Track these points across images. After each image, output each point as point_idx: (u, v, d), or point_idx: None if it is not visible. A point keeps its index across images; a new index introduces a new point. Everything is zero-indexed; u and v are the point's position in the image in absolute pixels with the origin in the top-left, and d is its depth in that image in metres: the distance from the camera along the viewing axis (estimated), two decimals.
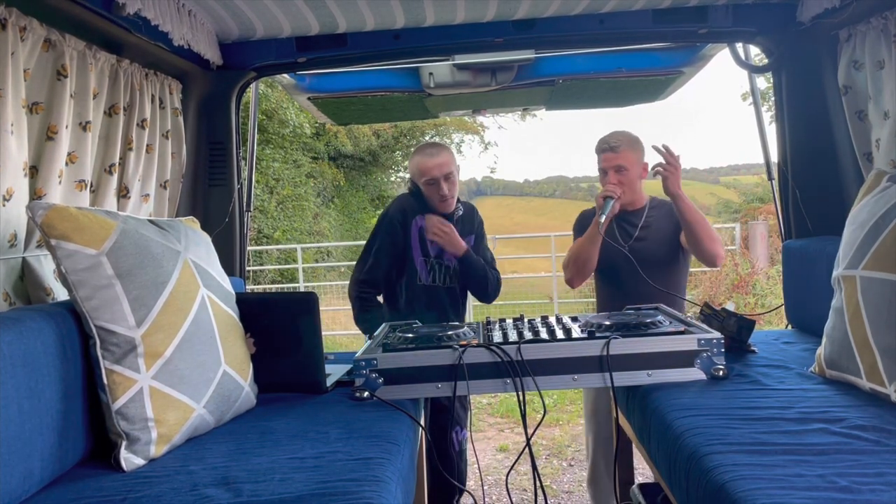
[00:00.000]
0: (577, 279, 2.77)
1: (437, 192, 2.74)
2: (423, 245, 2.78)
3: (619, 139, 2.69)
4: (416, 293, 2.79)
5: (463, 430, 2.88)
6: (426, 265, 2.80)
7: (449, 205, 2.79)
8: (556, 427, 4.94)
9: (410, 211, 2.80)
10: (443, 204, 2.77)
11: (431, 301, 2.80)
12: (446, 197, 2.75)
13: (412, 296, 2.79)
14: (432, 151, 2.79)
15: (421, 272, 2.79)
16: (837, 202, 2.38)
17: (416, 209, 2.80)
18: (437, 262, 2.81)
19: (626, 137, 2.72)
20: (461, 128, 20.11)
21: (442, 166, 2.73)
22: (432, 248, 2.80)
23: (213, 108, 2.69)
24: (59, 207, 1.49)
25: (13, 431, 1.28)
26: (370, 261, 2.78)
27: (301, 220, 14.40)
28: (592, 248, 2.66)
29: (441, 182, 2.73)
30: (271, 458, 1.47)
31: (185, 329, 1.60)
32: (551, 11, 2.52)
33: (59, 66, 1.78)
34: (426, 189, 2.77)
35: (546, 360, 1.85)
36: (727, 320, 2.12)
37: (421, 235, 2.78)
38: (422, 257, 2.79)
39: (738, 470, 1.26)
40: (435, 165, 2.73)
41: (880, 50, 2.07)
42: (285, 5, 2.35)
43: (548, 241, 10.72)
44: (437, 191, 2.74)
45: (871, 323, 1.58)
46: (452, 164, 2.78)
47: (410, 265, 2.78)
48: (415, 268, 2.78)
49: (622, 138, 2.70)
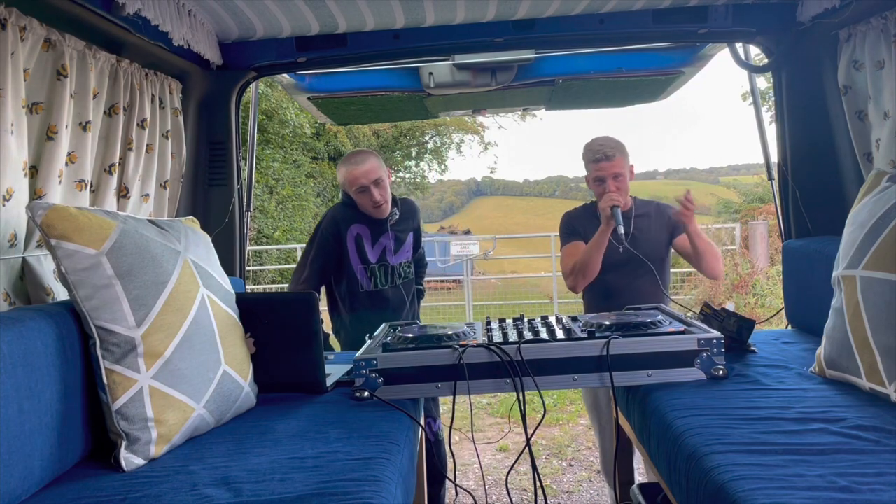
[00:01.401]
0: (582, 284, 2.78)
1: (370, 199, 2.72)
2: (360, 252, 2.78)
3: (613, 147, 2.72)
4: (360, 299, 2.80)
5: (437, 420, 2.93)
6: (366, 272, 2.80)
7: (383, 210, 2.78)
8: (556, 427, 4.94)
9: (343, 221, 2.78)
10: (377, 210, 2.76)
11: (375, 305, 2.80)
12: (379, 203, 2.73)
13: (355, 302, 2.81)
14: (358, 159, 2.75)
15: (362, 279, 2.79)
16: (837, 202, 2.38)
17: (350, 218, 2.79)
18: (379, 267, 2.81)
19: (617, 144, 2.75)
20: (461, 128, 20.13)
21: (369, 173, 2.70)
22: (373, 253, 2.80)
23: (213, 108, 2.69)
24: (58, 207, 1.49)
25: (13, 431, 1.28)
26: (306, 272, 2.78)
27: (301, 220, 14.40)
28: (599, 254, 2.69)
29: (371, 189, 2.71)
30: (271, 458, 1.47)
31: (185, 329, 1.60)
32: (551, 11, 2.52)
33: (59, 66, 1.78)
34: (358, 198, 2.75)
35: (546, 360, 1.85)
36: (727, 320, 2.12)
37: (357, 243, 2.77)
38: (361, 265, 2.79)
39: (738, 470, 1.26)
40: (362, 173, 2.70)
41: (880, 50, 2.07)
42: (285, 5, 2.35)
43: (548, 241, 10.72)
44: (370, 198, 2.72)
45: (871, 323, 1.58)
46: (381, 170, 2.76)
47: (350, 274, 2.78)
48: (355, 276, 2.78)
49: (615, 146, 2.73)
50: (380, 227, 2.81)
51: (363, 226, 2.79)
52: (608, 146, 2.72)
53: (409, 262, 2.93)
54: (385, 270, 2.83)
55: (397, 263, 2.86)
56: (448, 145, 21.23)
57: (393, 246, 2.85)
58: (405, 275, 2.91)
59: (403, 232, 2.90)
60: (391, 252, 2.85)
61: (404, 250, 2.90)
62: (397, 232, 2.87)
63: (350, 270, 2.78)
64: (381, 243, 2.83)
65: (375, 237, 2.81)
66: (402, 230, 2.90)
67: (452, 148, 21.46)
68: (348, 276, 2.79)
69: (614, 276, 2.75)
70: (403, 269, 2.90)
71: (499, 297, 12.18)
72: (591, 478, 3.98)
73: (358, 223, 2.79)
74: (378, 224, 2.81)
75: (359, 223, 2.79)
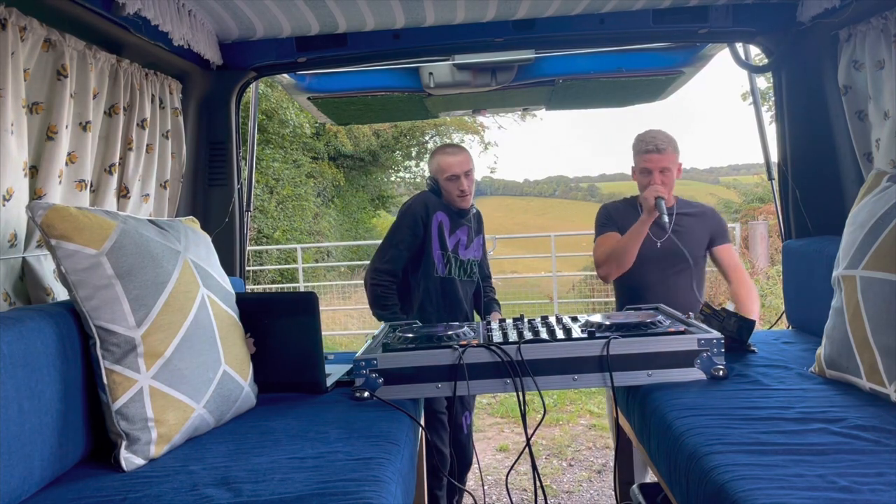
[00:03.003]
0: (616, 273, 2.78)
1: (458, 187, 2.87)
2: (441, 239, 2.89)
3: (666, 141, 2.69)
4: (433, 284, 2.89)
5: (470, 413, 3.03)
6: (443, 258, 2.90)
7: (467, 201, 2.92)
8: (556, 427, 4.94)
9: (432, 206, 2.90)
10: (462, 199, 2.90)
11: (447, 292, 2.90)
12: (466, 192, 2.88)
13: (429, 287, 2.89)
14: (453, 150, 2.95)
15: (438, 264, 2.89)
16: (837, 202, 2.38)
17: (437, 205, 2.91)
18: (454, 256, 2.92)
19: (670, 138, 2.72)
20: (461, 128, 20.11)
21: (463, 163, 2.88)
22: (450, 242, 2.91)
23: (213, 108, 2.69)
24: (58, 207, 1.49)
25: (13, 431, 1.28)
26: (391, 252, 2.88)
27: (301, 220, 14.39)
28: (636, 244, 2.68)
29: (462, 178, 2.86)
30: (271, 458, 1.47)
31: (185, 329, 1.60)
32: (551, 11, 2.52)
33: (59, 66, 1.78)
34: (447, 185, 2.89)
35: (546, 360, 1.85)
36: (727, 320, 2.12)
37: (440, 229, 2.89)
38: (439, 251, 2.89)
39: (738, 470, 1.26)
40: (457, 162, 2.88)
41: (880, 50, 2.07)
42: (285, 5, 2.35)
43: (548, 241, 10.70)
44: (458, 186, 2.87)
45: (871, 323, 1.58)
46: (472, 163, 2.93)
47: (428, 258, 2.88)
48: (432, 260, 2.88)
49: (667, 140, 2.70)
50: (459, 219, 2.95)
51: (445, 215, 2.91)
52: (660, 139, 2.70)
53: (476, 260, 3.03)
54: (457, 262, 2.95)
55: (467, 259, 2.97)
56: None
57: (465, 241, 2.97)
58: (471, 272, 3.01)
59: (475, 231, 3.03)
60: (463, 246, 2.96)
61: (474, 248, 3.02)
62: (471, 229, 3.00)
63: (429, 254, 2.88)
64: (457, 235, 2.95)
65: (453, 228, 2.93)
66: (474, 229, 3.03)
67: None
68: (426, 261, 2.89)
69: (648, 271, 2.73)
70: (472, 265, 3.00)
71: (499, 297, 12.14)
72: (591, 478, 3.98)
73: (442, 211, 2.91)
74: (457, 216, 2.94)
75: (442, 211, 2.91)
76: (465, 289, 2.99)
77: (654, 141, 2.70)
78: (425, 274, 2.89)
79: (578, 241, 18.23)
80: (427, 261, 2.88)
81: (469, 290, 3.04)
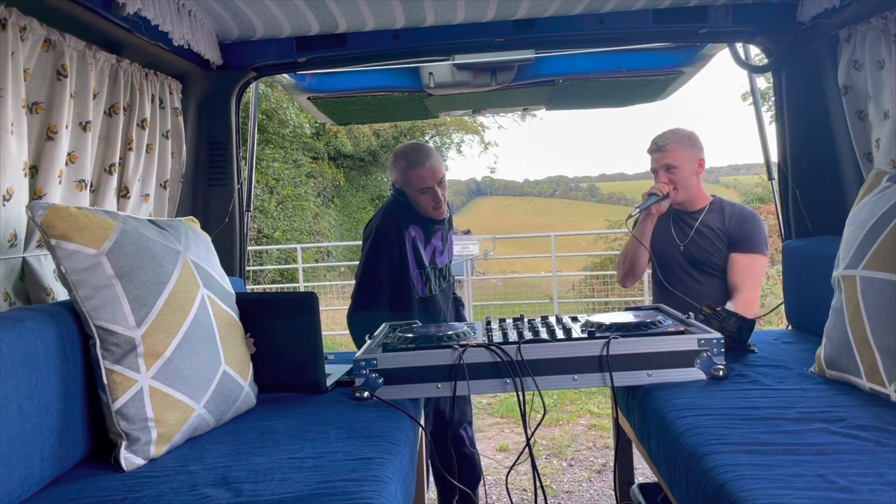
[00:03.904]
0: (629, 279, 2.76)
1: (432, 199, 2.54)
2: (417, 257, 2.60)
3: (668, 138, 2.68)
4: (415, 306, 2.61)
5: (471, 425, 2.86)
6: (422, 277, 2.62)
7: (443, 210, 2.60)
8: (556, 427, 4.94)
9: (403, 222, 2.57)
10: (436, 211, 2.57)
11: (427, 311, 2.65)
12: (440, 203, 2.56)
13: (412, 308, 2.60)
14: (421, 157, 2.54)
15: (417, 285, 2.61)
16: (837, 202, 2.38)
17: (407, 219, 2.58)
18: (432, 269, 2.67)
19: (676, 135, 2.69)
20: (461, 128, 20.12)
21: (436, 173, 2.52)
22: (426, 254, 2.64)
23: (213, 108, 2.68)
24: (58, 207, 1.49)
25: (13, 431, 1.28)
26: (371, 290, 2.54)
27: (301, 220, 14.40)
28: (637, 249, 2.66)
29: (436, 189, 2.53)
30: (271, 458, 1.47)
31: (185, 329, 1.60)
32: (551, 11, 2.52)
33: (59, 66, 1.78)
34: (419, 198, 2.56)
35: (546, 360, 1.85)
36: (727, 320, 2.12)
37: (414, 246, 2.59)
38: (417, 270, 2.61)
39: (737, 470, 1.26)
40: (429, 174, 2.51)
41: (880, 50, 2.07)
42: (285, 5, 2.35)
43: (548, 241, 10.71)
44: (432, 198, 2.54)
45: (871, 323, 1.58)
46: (443, 167, 2.59)
47: (408, 280, 2.57)
48: (412, 282, 2.58)
49: (671, 137, 2.68)
50: (431, 226, 2.64)
51: (418, 227, 2.60)
52: (664, 137, 2.67)
53: (451, 262, 2.79)
54: (436, 273, 2.67)
55: (444, 265, 2.71)
56: (448, 145, 21.24)
57: (441, 246, 2.70)
58: (449, 276, 2.77)
59: (447, 230, 2.74)
60: (440, 253, 2.69)
61: (448, 249, 2.76)
62: (444, 231, 2.71)
63: (407, 276, 2.55)
64: (433, 244, 2.66)
65: (427, 238, 2.64)
66: (446, 229, 2.75)
67: (452, 148, 21.48)
68: (405, 283, 2.56)
69: (675, 273, 2.71)
70: (448, 269, 2.74)
71: (499, 297, 12.18)
72: (591, 478, 3.98)
73: (413, 224, 2.59)
74: (430, 224, 2.63)
75: (414, 224, 2.59)
76: (444, 299, 2.74)
77: (657, 140, 2.69)
78: (406, 297, 2.58)
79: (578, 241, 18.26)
80: (407, 283, 2.56)
81: (449, 297, 2.81)
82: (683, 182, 2.67)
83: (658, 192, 2.59)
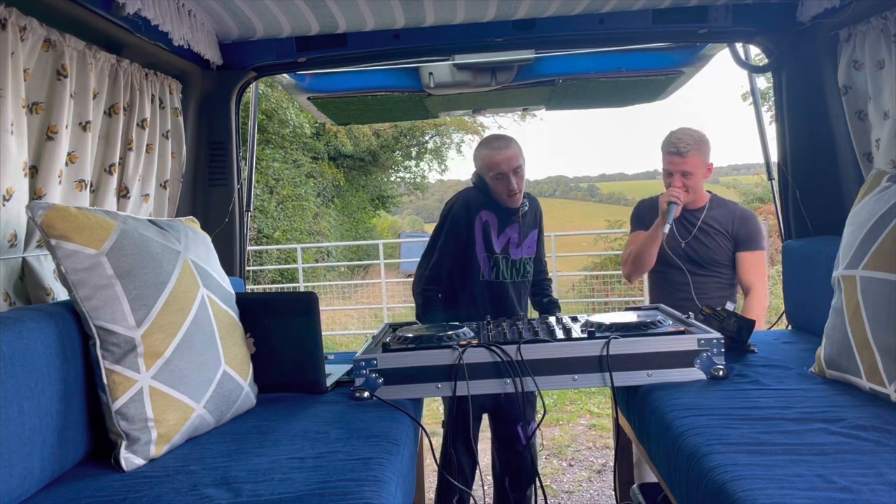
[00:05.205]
0: (636, 275, 2.78)
1: (506, 186, 2.64)
2: (486, 240, 2.70)
3: (689, 144, 2.66)
4: (479, 289, 2.72)
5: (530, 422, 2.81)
6: (489, 261, 2.72)
7: (516, 199, 2.70)
8: (556, 427, 4.94)
9: (475, 206, 2.70)
10: (511, 199, 2.68)
11: (494, 297, 2.73)
12: (515, 191, 2.66)
13: (474, 292, 2.72)
14: (500, 144, 2.68)
15: (483, 268, 2.71)
16: (837, 202, 2.38)
17: (482, 204, 2.71)
18: (503, 258, 2.73)
19: (695, 141, 2.68)
20: (461, 128, 20.11)
21: (511, 160, 2.63)
22: (498, 242, 2.73)
23: (213, 108, 2.68)
24: (58, 207, 1.49)
25: (13, 431, 1.28)
26: (435, 257, 2.72)
27: (301, 220, 14.40)
28: (653, 248, 2.68)
29: (510, 176, 2.63)
30: (271, 458, 1.47)
31: (185, 329, 1.60)
32: (551, 11, 2.52)
33: (59, 66, 1.78)
34: (494, 184, 2.67)
35: (546, 360, 1.85)
36: (727, 320, 2.12)
37: (485, 230, 2.70)
38: (485, 253, 2.71)
39: (737, 470, 1.26)
40: (504, 160, 2.63)
41: (880, 50, 2.07)
42: (285, 5, 2.35)
43: (548, 241, 10.71)
44: (506, 185, 2.64)
45: (871, 323, 1.58)
46: (521, 157, 2.69)
47: (473, 261, 2.71)
48: (477, 264, 2.70)
49: (691, 143, 2.66)
50: (508, 216, 2.73)
51: (492, 213, 2.70)
52: (684, 142, 2.66)
53: (530, 258, 2.83)
54: (507, 263, 2.74)
55: (519, 258, 2.76)
56: (448, 145, 21.25)
57: (517, 239, 2.76)
58: (525, 271, 2.81)
59: (528, 227, 2.81)
60: (515, 245, 2.76)
61: (527, 245, 2.80)
62: (523, 225, 2.78)
63: (473, 258, 2.69)
64: (507, 234, 2.74)
65: (502, 227, 2.72)
66: (527, 224, 2.81)
67: (452, 148, 21.48)
68: (471, 264, 2.70)
69: (676, 271, 2.73)
70: (524, 264, 2.80)
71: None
72: (591, 478, 3.98)
73: (487, 209, 2.70)
74: (507, 213, 2.72)
75: (488, 209, 2.70)
76: (517, 290, 2.79)
77: (678, 143, 2.67)
78: (471, 278, 2.71)
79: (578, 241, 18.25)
80: (472, 264, 2.70)
81: (523, 292, 2.84)
82: (695, 186, 2.71)
83: (677, 200, 2.60)
